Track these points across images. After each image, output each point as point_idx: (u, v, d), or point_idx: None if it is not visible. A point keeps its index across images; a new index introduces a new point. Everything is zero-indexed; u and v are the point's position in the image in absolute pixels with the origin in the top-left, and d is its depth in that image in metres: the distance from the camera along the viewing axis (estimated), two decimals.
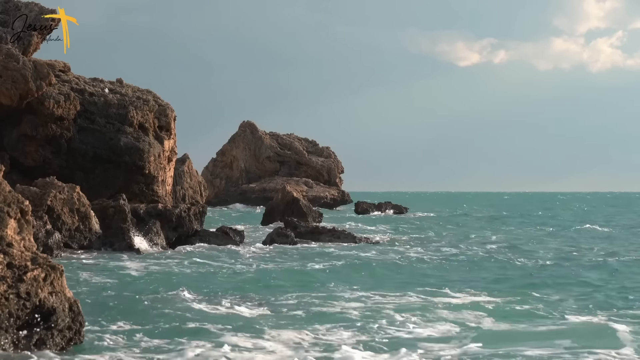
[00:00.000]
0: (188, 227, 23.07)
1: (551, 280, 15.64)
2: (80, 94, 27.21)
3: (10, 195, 8.07)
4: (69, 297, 7.93)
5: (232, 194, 69.37)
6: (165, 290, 13.48)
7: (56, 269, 7.85)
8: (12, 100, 24.66)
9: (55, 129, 26.01)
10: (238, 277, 15.90)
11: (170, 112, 29.23)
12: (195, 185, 46.88)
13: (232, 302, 12.41)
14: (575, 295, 13.61)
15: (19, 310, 7.49)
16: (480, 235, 30.16)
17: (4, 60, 24.21)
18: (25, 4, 26.91)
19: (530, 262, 19.35)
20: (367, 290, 13.83)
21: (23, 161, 25.79)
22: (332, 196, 66.85)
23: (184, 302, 12.28)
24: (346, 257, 20.11)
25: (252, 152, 73.32)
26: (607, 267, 18.26)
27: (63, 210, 19.41)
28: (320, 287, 14.39)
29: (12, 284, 7.50)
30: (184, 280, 14.89)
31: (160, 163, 28.04)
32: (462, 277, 16.27)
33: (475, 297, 13.15)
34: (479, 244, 25.45)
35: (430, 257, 20.51)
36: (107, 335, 9.34)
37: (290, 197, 35.73)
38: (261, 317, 11.01)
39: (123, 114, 27.59)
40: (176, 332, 9.78)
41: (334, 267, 17.92)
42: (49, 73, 25.36)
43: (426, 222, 42.59)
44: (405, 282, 15.28)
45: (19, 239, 7.93)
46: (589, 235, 30.71)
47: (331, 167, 73.33)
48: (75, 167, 26.31)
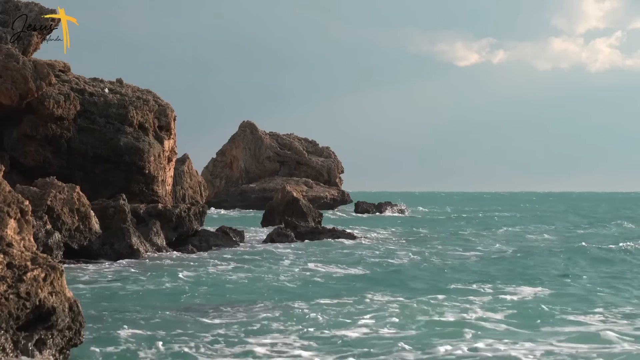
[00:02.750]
0: (188, 227, 23.06)
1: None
2: (80, 94, 27.18)
3: (10, 195, 8.06)
4: (69, 297, 7.92)
5: (232, 194, 69.29)
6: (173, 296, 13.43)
7: (56, 269, 7.83)
8: (12, 100, 24.63)
9: (55, 129, 25.99)
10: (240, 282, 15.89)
11: (170, 112, 29.20)
12: (195, 185, 46.83)
13: (228, 309, 12.38)
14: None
15: (19, 310, 7.48)
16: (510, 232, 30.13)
17: (4, 60, 24.18)
18: (25, 4, 26.87)
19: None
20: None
21: (23, 161, 25.76)
22: (332, 196, 66.80)
23: (185, 308, 12.26)
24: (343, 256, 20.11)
25: (252, 152, 73.26)
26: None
27: (63, 210, 19.39)
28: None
29: (12, 284, 7.49)
30: (188, 284, 14.87)
31: (160, 163, 28.01)
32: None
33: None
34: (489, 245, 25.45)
35: (434, 258, 20.51)
36: (106, 337, 9.33)
37: (290, 197, 35.71)
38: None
39: (123, 114, 27.56)
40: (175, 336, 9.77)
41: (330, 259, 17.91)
42: (49, 73, 25.32)
43: (425, 221, 42.56)
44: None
45: (19, 239, 7.92)
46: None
47: (331, 167, 73.27)
48: (75, 167, 26.27)
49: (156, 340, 9.22)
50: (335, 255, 21.02)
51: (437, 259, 20.26)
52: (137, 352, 8.73)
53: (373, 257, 20.60)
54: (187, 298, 12.88)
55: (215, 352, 8.77)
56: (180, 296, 13.02)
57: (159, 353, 8.74)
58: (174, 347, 8.96)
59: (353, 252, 21.69)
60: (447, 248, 23.84)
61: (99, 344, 8.89)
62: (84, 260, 18.72)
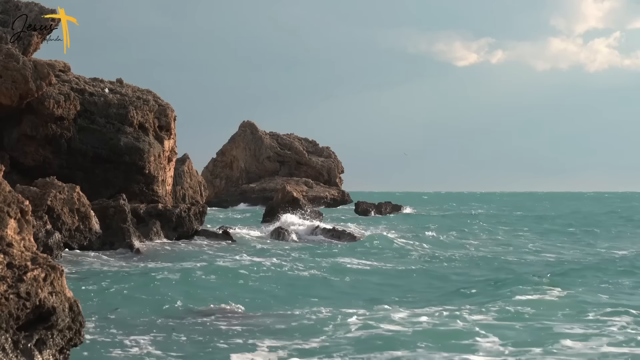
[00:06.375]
0: (188, 227, 23.07)
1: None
2: (80, 94, 27.19)
3: (10, 195, 8.05)
4: (69, 297, 7.91)
5: (232, 194, 69.31)
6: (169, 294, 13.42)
7: (56, 269, 7.83)
8: (12, 100, 24.63)
9: (55, 129, 25.99)
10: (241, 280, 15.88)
11: (170, 112, 29.21)
12: (195, 185, 46.86)
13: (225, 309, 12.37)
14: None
15: (19, 310, 7.48)
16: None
17: (4, 60, 24.19)
18: (25, 4, 26.87)
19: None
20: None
21: (23, 161, 25.76)
22: (332, 196, 66.81)
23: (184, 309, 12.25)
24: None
25: (252, 152, 73.27)
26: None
27: (63, 210, 19.39)
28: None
29: (12, 284, 7.49)
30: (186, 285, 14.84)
31: (160, 163, 28.02)
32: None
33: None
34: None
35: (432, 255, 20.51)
36: (106, 338, 9.32)
37: (290, 197, 35.73)
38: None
39: (123, 113, 27.57)
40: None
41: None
42: (49, 73, 25.33)
43: (423, 220, 42.54)
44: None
45: (19, 239, 7.91)
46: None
47: (331, 167, 73.28)
48: (75, 167, 26.28)
49: (138, 342, 9.19)
50: (334, 255, 21.02)
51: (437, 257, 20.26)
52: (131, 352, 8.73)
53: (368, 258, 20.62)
54: (181, 300, 12.83)
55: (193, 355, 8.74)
56: (172, 297, 12.95)
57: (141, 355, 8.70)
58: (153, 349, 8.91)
59: (350, 252, 21.72)
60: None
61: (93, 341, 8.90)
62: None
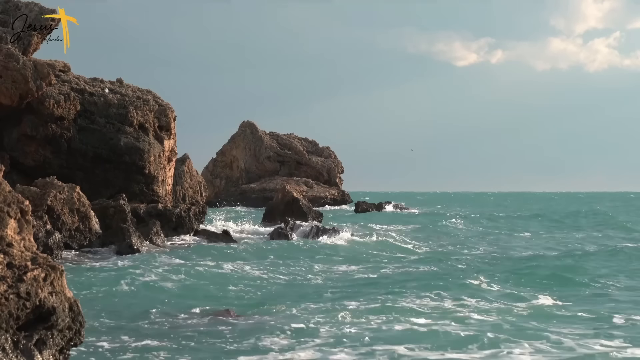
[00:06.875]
0: (188, 227, 23.08)
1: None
2: (80, 94, 27.18)
3: (10, 195, 8.06)
4: (69, 297, 7.92)
5: (232, 194, 69.33)
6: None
7: (56, 269, 7.83)
8: (12, 100, 24.63)
9: (55, 129, 25.99)
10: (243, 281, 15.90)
11: (170, 112, 29.20)
12: (195, 185, 46.84)
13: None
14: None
15: (19, 310, 7.49)
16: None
17: (4, 60, 24.19)
18: (25, 4, 26.86)
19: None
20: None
21: (23, 161, 25.76)
22: (332, 196, 66.84)
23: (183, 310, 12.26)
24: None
25: (252, 152, 73.28)
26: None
27: (63, 210, 19.39)
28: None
29: (12, 284, 7.50)
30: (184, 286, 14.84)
31: (160, 163, 28.01)
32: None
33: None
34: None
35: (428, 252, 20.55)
36: (106, 338, 9.33)
37: (290, 197, 35.73)
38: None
39: (123, 113, 27.57)
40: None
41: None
42: (49, 73, 25.33)
43: (421, 219, 42.55)
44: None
45: (19, 239, 7.92)
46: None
47: (331, 167, 73.30)
48: (75, 167, 26.28)
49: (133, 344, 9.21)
50: (333, 255, 21.02)
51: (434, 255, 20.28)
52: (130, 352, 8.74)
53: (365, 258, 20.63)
54: (181, 299, 12.85)
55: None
56: (174, 297, 12.98)
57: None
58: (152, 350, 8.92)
59: (348, 252, 21.73)
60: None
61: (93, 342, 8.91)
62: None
